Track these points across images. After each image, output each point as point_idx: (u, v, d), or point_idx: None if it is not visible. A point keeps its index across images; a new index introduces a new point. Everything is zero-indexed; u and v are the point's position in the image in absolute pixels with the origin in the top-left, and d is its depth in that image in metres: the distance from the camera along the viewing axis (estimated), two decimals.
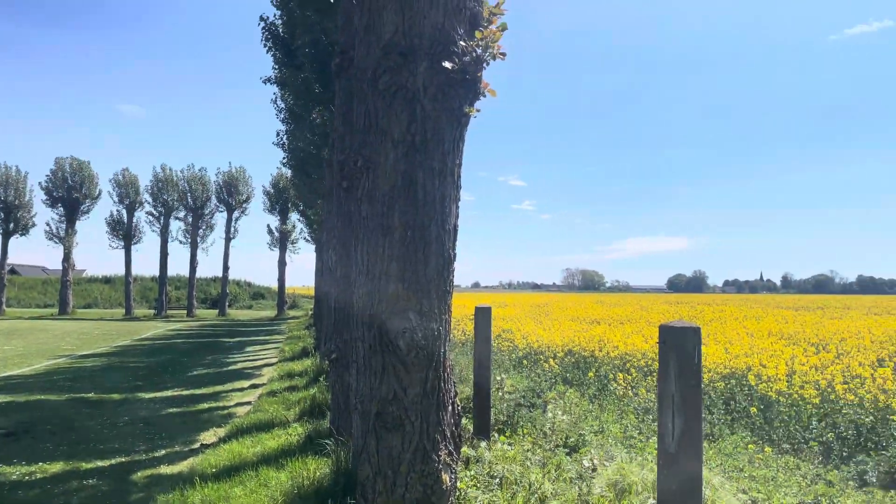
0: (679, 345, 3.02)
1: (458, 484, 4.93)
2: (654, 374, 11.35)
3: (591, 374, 11.81)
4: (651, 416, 9.15)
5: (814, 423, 7.98)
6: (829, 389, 8.80)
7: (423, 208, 3.46)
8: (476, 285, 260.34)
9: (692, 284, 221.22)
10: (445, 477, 3.46)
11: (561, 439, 7.12)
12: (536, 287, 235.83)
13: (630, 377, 11.07)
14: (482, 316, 6.40)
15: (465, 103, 3.53)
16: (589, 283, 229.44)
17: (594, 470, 5.75)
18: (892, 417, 7.46)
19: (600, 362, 12.86)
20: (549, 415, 8.46)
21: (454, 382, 3.68)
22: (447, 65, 3.39)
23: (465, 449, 5.83)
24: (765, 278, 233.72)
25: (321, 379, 11.05)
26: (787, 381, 9.29)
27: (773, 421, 8.45)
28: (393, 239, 3.47)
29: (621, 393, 10.53)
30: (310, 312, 36.54)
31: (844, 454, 7.34)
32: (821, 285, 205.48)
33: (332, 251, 7.28)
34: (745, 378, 9.98)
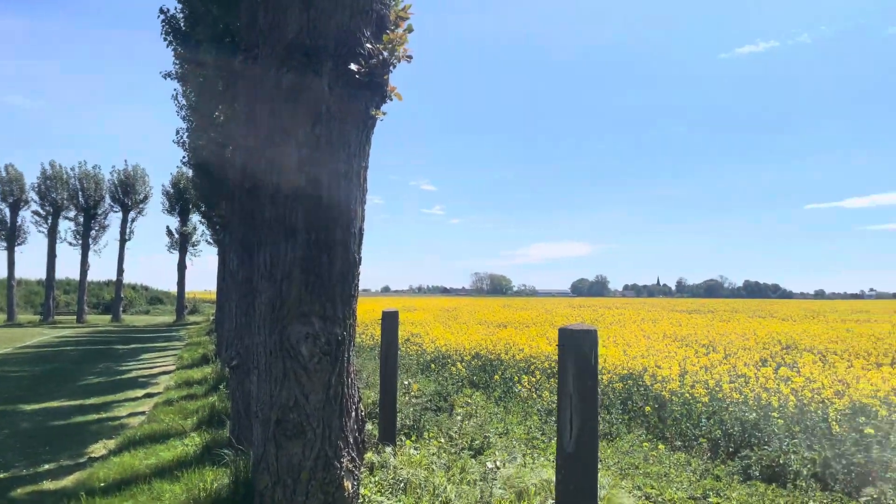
0: (577, 347, 3.12)
1: (363, 490, 4.89)
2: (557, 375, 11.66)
3: (497, 376, 12.00)
4: (553, 417, 9.40)
5: (703, 420, 8.42)
6: (717, 388, 9.32)
7: (328, 211, 3.42)
8: (386, 290, 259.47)
9: (594, 288, 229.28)
10: (348, 484, 3.42)
11: (467, 442, 7.20)
12: (446, 291, 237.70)
13: (534, 379, 11.32)
14: (389, 321, 6.38)
15: (372, 106, 3.52)
16: (497, 288, 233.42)
17: (498, 471, 5.84)
18: (773, 415, 7.98)
19: (506, 365, 13.09)
20: (456, 418, 8.54)
21: (358, 388, 3.65)
22: (353, 67, 3.37)
23: (370, 455, 5.79)
24: (661, 283, 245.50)
25: (221, 387, 10.69)
26: (680, 381, 9.76)
27: (667, 419, 8.86)
28: (296, 242, 3.41)
29: (526, 395, 10.75)
30: (211, 318, 35.28)
31: (731, 450, 7.78)
32: (712, 290, 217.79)
33: (234, 254, 7.06)
34: (641, 378, 10.41)
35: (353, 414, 3.55)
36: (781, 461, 6.90)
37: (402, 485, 4.89)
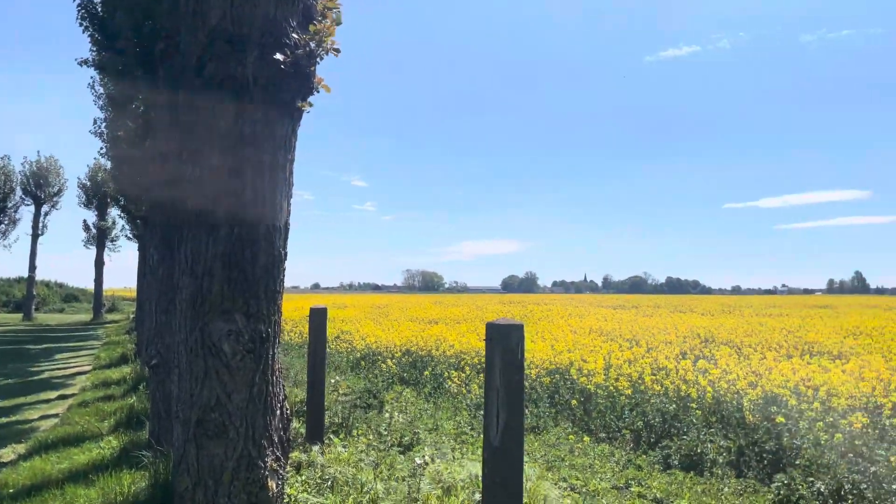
0: (504, 341, 3.14)
1: (289, 490, 4.80)
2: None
3: (427, 372, 12.02)
4: (482, 412, 9.49)
5: (626, 412, 8.67)
6: (639, 381, 9.62)
7: (252, 205, 3.32)
8: (316, 286, 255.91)
9: (524, 285, 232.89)
10: (272, 483, 3.34)
11: (396, 439, 7.18)
12: (377, 288, 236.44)
13: (464, 374, 11.40)
14: (317, 317, 6.28)
15: (298, 97, 3.44)
16: (429, 284, 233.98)
17: (427, 467, 5.85)
18: (691, 406, 8.29)
19: (437, 361, 13.14)
20: (386, 415, 8.50)
21: (283, 386, 3.57)
22: (279, 57, 3.29)
23: (296, 453, 5.69)
24: (588, 279, 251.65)
25: (141, 387, 10.29)
26: (605, 375, 10.02)
27: (592, 412, 9.08)
28: (218, 236, 3.30)
29: (456, 390, 10.82)
30: (131, 316, 33.93)
31: (652, 440, 8.04)
32: (636, 286, 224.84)
33: (155, 249, 6.80)
34: (567, 373, 10.64)
35: (279, 412, 3.48)
36: (699, 450, 7.17)
37: (328, 483, 4.83)
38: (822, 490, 5.86)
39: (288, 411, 3.54)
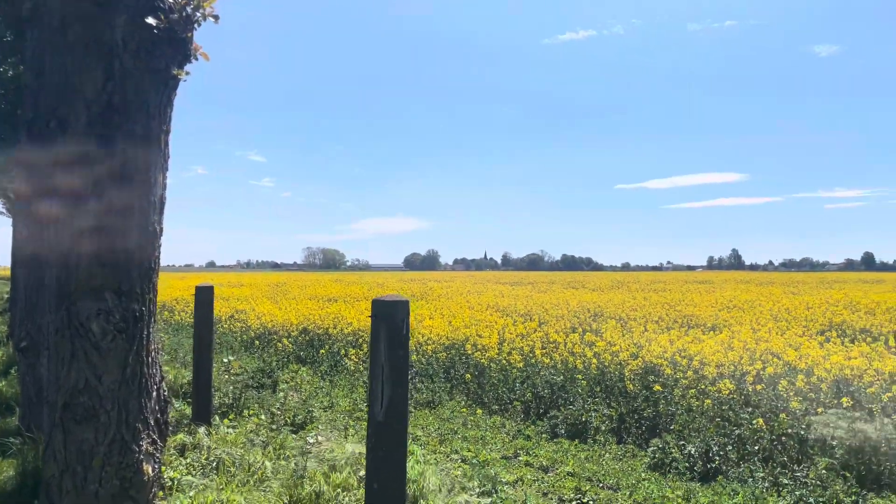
0: (389, 317, 3.14)
1: (172, 473, 4.64)
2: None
3: (322, 351, 11.89)
4: None
5: (518, 385, 8.93)
6: (531, 355, 9.92)
7: (123, 177, 3.14)
8: (212, 265, 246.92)
9: (426, 262, 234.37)
10: (147, 468, 3.21)
11: (289, 418, 7.07)
12: (277, 266, 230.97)
13: (362, 352, 11.36)
14: (203, 296, 6.06)
15: (173, 65, 3.26)
16: (330, 262, 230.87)
17: (319, 445, 5.80)
18: (578, 377, 8.65)
19: (334, 339, 13.02)
20: (280, 394, 8.36)
21: (161, 366, 3.42)
22: (151, 21, 3.10)
23: (181, 436, 5.50)
24: (488, 257, 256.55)
25: (13, 371, 9.60)
26: (498, 349, 10.27)
27: (485, 385, 9.29)
28: (87, 210, 3.10)
29: (353, 368, 10.77)
30: (5, 296, 31.56)
31: (541, 411, 8.33)
32: (533, 263, 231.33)
33: (24, 225, 6.32)
34: (463, 348, 10.82)
35: (155, 394, 3.33)
36: (584, 419, 7.50)
37: (214, 465, 4.70)
38: (692, 452, 6.27)
39: (165, 393, 3.40)
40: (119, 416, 3.14)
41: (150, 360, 3.28)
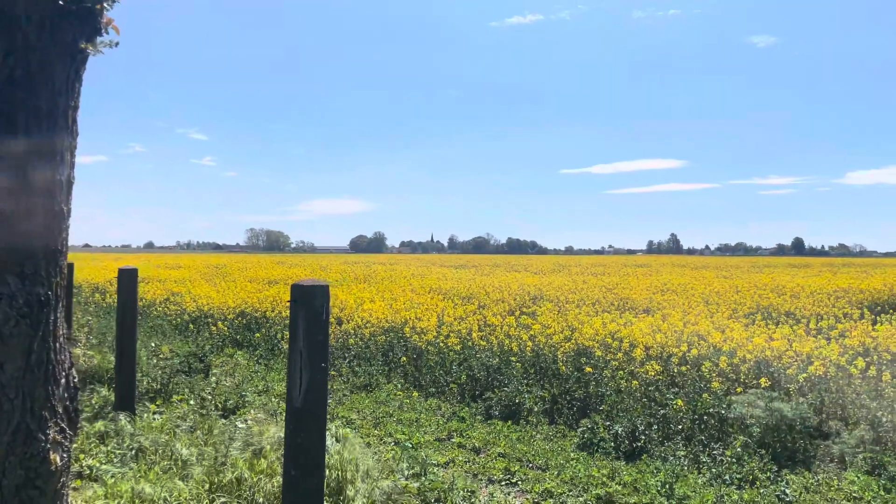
0: (308, 302, 3.09)
1: (90, 461, 4.51)
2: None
3: (258, 335, 11.72)
4: None
5: (454, 367, 8.99)
6: (468, 337, 9.99)
7: (26, 155, 2.98)
8: (150, 245, 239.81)
9: (373, 245, 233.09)
10: (55, 457, 3.09)
11: (220, 403, 6.95)
12: (218, 248, 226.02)
13: None
14: (125, 279, 5.86)
15: (81, 38, 3.11)
16: (274, 244, 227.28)
17: (250, 430, 5.72)
18: (512, 359, 8.76)
19: (272, 322, 12.84)
20: (212, 379, 8.19)
21: (70, 352, 3.29)
22: None
23: (102, 423, 5.34)
24: (435, 240, 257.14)
25: None
26: (437, 332, 10.30)
27: (423, 368, 9.33)
28: None
29: None
30: None
31: (477, 393, 8.42)
32: (479, 246, 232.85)
33: None
34: (402, 331, 10.81)
35: (64, 381, 3.20)
36: (518, 400, 7.61)
37: (135, 452, 4.58)
38: (619, 432, 6.44)
39: (75, 379, 3.27)
40: (23, 405, 3.00)
41: (57, 346, 3.15)
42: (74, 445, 4.90)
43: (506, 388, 7.96)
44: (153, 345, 9.10)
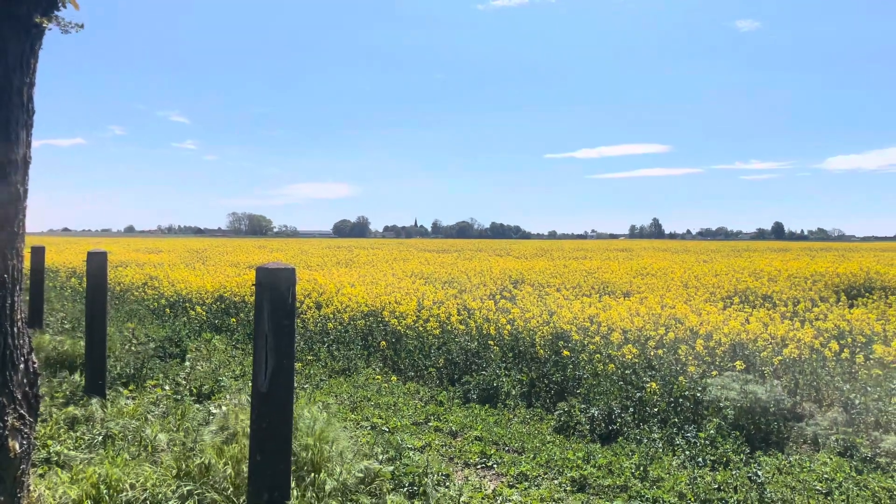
0: (273, 286, 3.03)
1: (58, 447, 4.43)
2: (305, 313, 11.63)
3: (233, 319, 11.62)
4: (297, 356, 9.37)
5: (433, 351, 8.97)
6: (447, 322, 9.96)
7: None
8: (130, 230, 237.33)
9: (356, 230, 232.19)
10: (14, 444, 3.02)
11: (195, 388, 6.87)
12: (200, 232, 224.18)
13: None
14: (94, 262, 5.74)
15: (36, 12, 3.00)
16: (256, 228, 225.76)
17: (224, 416, 5.66)
18: (490, 343, 8.75)
19: (251, 307, 12.73)
20: (187, 364, 8.10)
21: (29, 337, 3.21)
22: None
23: (71, 408, 5.25)
24: (419, 224, 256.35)
25: None
26: (416, 316, 10.27)
27: (402, 352, 9.29)
28: None
29: None
30: None
31: (455, 377, 8.40)
32: (463, 231, 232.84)
33: None
34: (381, 315, 10.77)
35: (23, 366, 3.12)
36: (496, 384, 7.60)
37: (104, 438, 4.50)
38: (595, 415, 6.45)
39: (35, 365, 3.19)
40: None
41: (15, 330, 3.07)
42: (43, 432, 4.82)
43: (484, 372, 7.96)
44: (128, 329, 8.98)
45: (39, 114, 3.21)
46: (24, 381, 3.13)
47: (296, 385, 5.78)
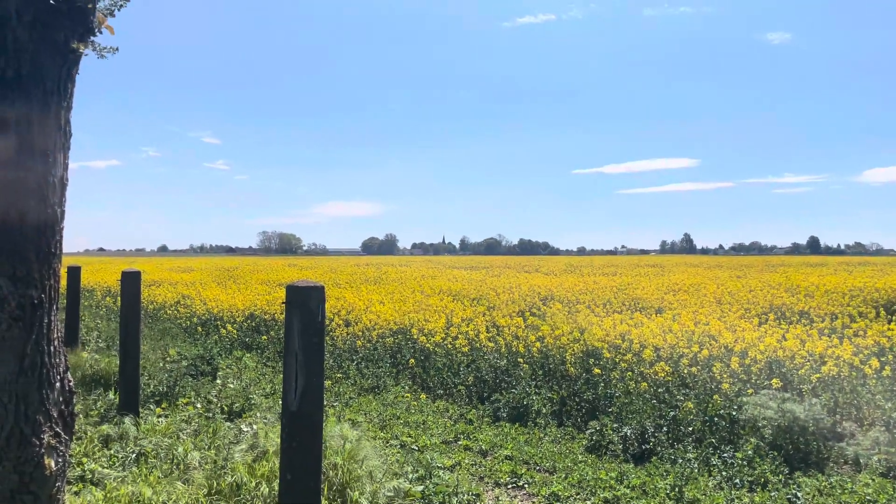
0: (303, 304, 3.04)
1: (92, 465, 4.48)
2: (334, 331, 11.69)
3: (263, 337, 11.72)
4: (329, 373, 9.40)
5: (462, 369, 8.93)
6: (476, 339, 9.92)
7: (18, 156, 2.95)
8: (164, 249, 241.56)
9: (384, 247, 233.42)
10: (49, 461, 3.06)
11: (226, 406, 6.92)
12: (231, 251, 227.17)
13: None
14: (129, 282, 5.84)
15: (73, 38, 3.08)
16: (286, 247, 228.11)
17: (254, 434, 5.68)
18: (520, 360, 8.68)
19: (281, 325, 12.84)
20: (218, 381, 8.18)
21: (65, 356, 3.26)
22: None
23: (106, 427, 5.32)
24: (446, 241, 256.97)
25: None
26: (445, 334, 10.25)
27: (430, 370, 9.27)
28: None
29: None
30: None
31: (485, 395, 8.36)
32: (491, 247, 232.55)
33: None
34: (410, 332, 10.77)
35: (59, 385, 3.17)
36: (526, 402, 7.53)
37: (137, 455, 4.55)
38: (628, 434, 6.35)
39: (71, 383, 3.24)
40: (17, 409, 2.97)
41: (51, 349, 3.12)
42: (78, 450, 4.89)
43: (514, 390, 7.90)
44: (161, 348, 9.10)
45: (76, 136, 3.28)
46: (60, 399, 3.18)
47: (325, 403, 5.79)
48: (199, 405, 6.81)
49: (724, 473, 5.46)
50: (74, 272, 10.27)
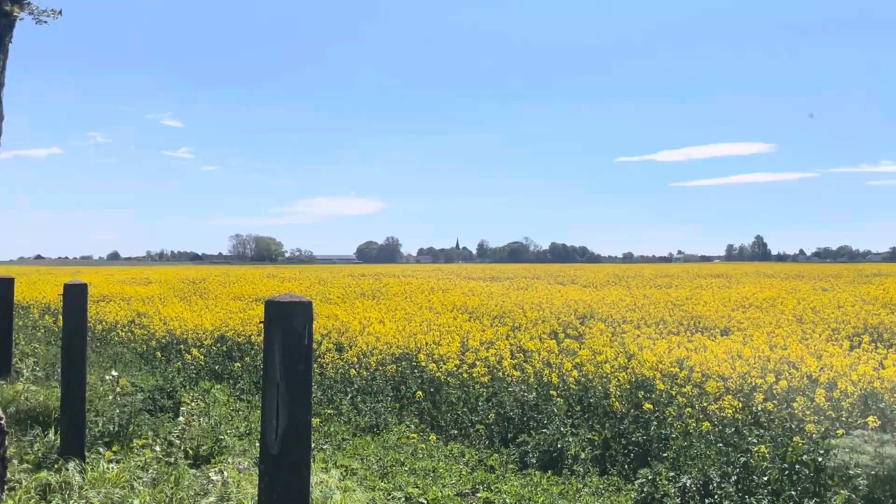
0: (286, 323, 3.06)
1: None
2: (323, 357, 11.74)
3: (237, 364, 11.79)
4: (317, 409, 9.43)
5: (481, 404, 8.93)
6: (498, 366, 9.94)
7: None
8: (115, 257, 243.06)
9: (384, 253, 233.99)
10: None
11: (191, 449, 6.97)
12: (197, 258, 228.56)
13: None
14: (73, 297, 5.89)
15: (6, 2, 3.12)
16: (264, 253, 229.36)
17: (224, 484, 5.72)
18: (553, 393, 8.67)
19: (258, 349, 12.91)
20: (182, 419, 8.23)
21: None
22: None
23: (45, 474, 5.37)
24: (461, 246, 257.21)
25: None
26: (459, 360, 10.26)
27: (442, 405, 9.28)
28: None
29: None
30: None
31: (509, 435, 8.36)
32: (516, 253, 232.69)
33: None
34: (416, 359, 10.80)
35: None
36: (560, 445, 7.53)
37: None
38: (688, 485, 6.33)
39: (2, 421, 3.29)
40: None
41: None
42: (10, 503, 4.93)
43: (545, 430, 7.90)
44: (111, 377, 9.17)
45: (9, 120, 3.32)
46: None
47: (313, 445, 5.81)
48: (157, 448, 6.86)
49: None
50: (6, 285, 10.38)
